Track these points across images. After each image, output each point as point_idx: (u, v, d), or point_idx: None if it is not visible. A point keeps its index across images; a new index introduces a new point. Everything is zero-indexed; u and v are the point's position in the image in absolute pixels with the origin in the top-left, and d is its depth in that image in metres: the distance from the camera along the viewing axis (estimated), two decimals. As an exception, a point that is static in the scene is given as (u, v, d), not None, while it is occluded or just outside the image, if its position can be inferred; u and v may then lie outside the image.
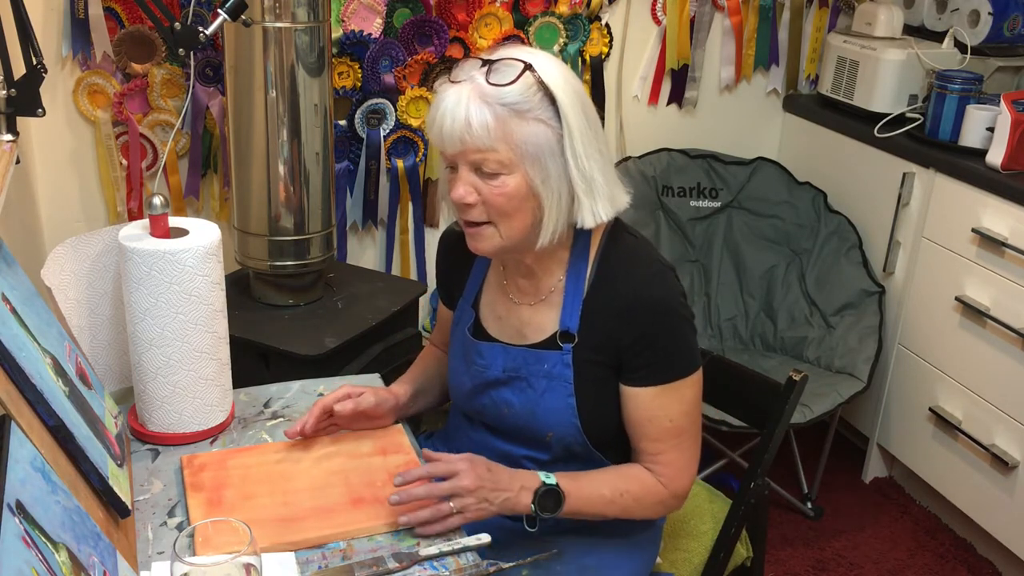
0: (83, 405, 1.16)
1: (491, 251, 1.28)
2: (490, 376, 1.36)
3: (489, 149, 1.19)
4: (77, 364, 1.22)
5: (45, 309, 1.21)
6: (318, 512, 1.21)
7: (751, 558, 1.59)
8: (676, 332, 1.29)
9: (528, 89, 1.19)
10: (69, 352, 1.21)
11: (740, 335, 2.72)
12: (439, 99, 1.21)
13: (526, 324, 1.36)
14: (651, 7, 2.65)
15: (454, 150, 1.21)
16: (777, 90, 2.89)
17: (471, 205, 1.23)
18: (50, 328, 1.19)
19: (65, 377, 1.14)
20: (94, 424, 1.16)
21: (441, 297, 1.52)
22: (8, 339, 1.01)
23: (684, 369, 1.30)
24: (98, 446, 1.13)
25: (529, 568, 1.29)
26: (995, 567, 2.36)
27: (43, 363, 1.08)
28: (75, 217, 2.31)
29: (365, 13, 2.32)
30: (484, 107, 1.18)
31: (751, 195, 2.74)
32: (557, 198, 1.23)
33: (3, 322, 1.02)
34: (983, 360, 2.26)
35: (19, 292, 1.14)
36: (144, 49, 2.20)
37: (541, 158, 1.20)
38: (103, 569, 0.96)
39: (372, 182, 2.47)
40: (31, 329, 1.10)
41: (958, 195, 2.30)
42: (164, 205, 1.30)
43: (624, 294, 1.28)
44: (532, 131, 1.19)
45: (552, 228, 1.24)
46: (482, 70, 1.21)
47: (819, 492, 2.61)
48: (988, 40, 2.57)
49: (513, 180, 1.21)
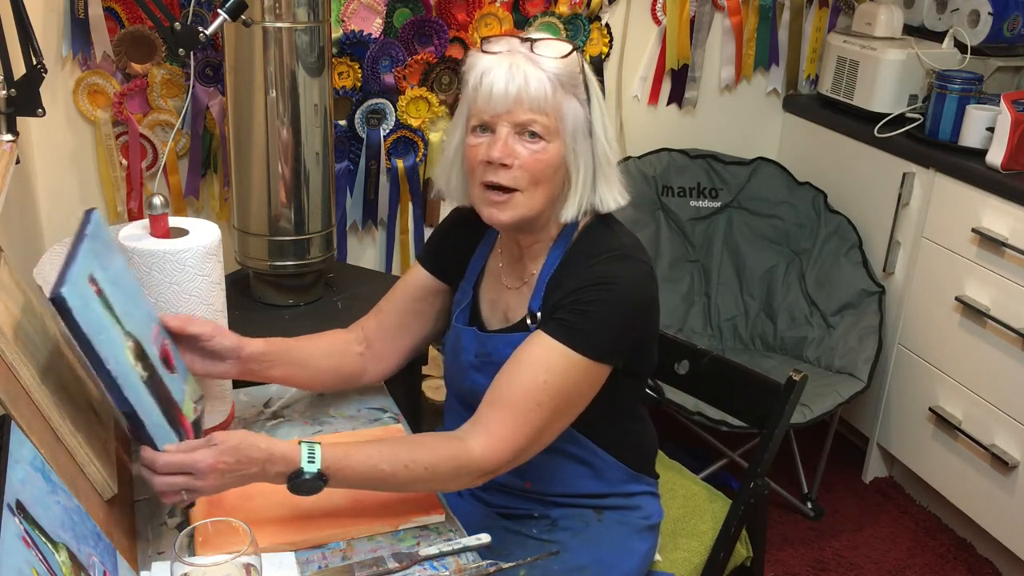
0: (161, 390, 1.15)
1: (511, 221, 1.28)
2: (465, 361, 1.37)
3: (541, 112, 1.23)
4: (162, 346, 1.21)
5: (136, 290, 1.20)
6: (318, 512, 1.21)
7: (751, 558, 1.59)
8: (608, 311, 1.24)
9: (574, 68, 1.25)
10: (156, 334, 1.20)
11: (740, 335, 2.72)
12: (481, 65, 1.25)
13: (510, 308, 1.38)
14: (651, 7, 2.65)
15: (504, 108, 1.23)
16: (777, 90, 2.89)
17: (508, 167, 1.24)
18: (138, 309, 1.18)
19: (145, 361, 1.13)
20: (170, 410, 1.15)
21: (427, 265, 1.47)
22: (88, 322, 1.01)
23: (592, 349, 1.24)
24: (170, 433, 1.13)
25: (528, 568, 1.28)
26: (995, 567, 2.36)
27: (123, 347, 1.08)
28: (75, 217, 2.29)
29: (365, 13, 2.32)
30: (541, 72, 1.23)
31: (751, 195, 2.74)
32: (584, 175, 1.28)
33: (86, 305, 1.02)
34: (983, 360, 2.26)
35: (109, 273, 1.13)
36: (144, 49, 2.20)
37: (577, 134, 1.26)
38: (103, 569, 0.96)
39: (372, 182, 2.47)
40: (116, 311, 1.10)
41: (958, 195, 2.30)
42: (164, 205, 1.30)
43: (580, 268, 1.29)
44: (573, 106, 1.25)
45: (578, 204, 1.29)
46: (524, 44, 1.25)
47: (819, 492, 2.61)
48: (988, 40, 2.57)
49: (553, 148, 1.25)
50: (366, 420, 1.46)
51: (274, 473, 1.13)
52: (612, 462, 1.39)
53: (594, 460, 1.38)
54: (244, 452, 1.11)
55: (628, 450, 1.41)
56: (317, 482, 1.14)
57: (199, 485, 1.09)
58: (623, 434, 1.40)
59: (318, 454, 1.14)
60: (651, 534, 1.45)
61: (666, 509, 1.50)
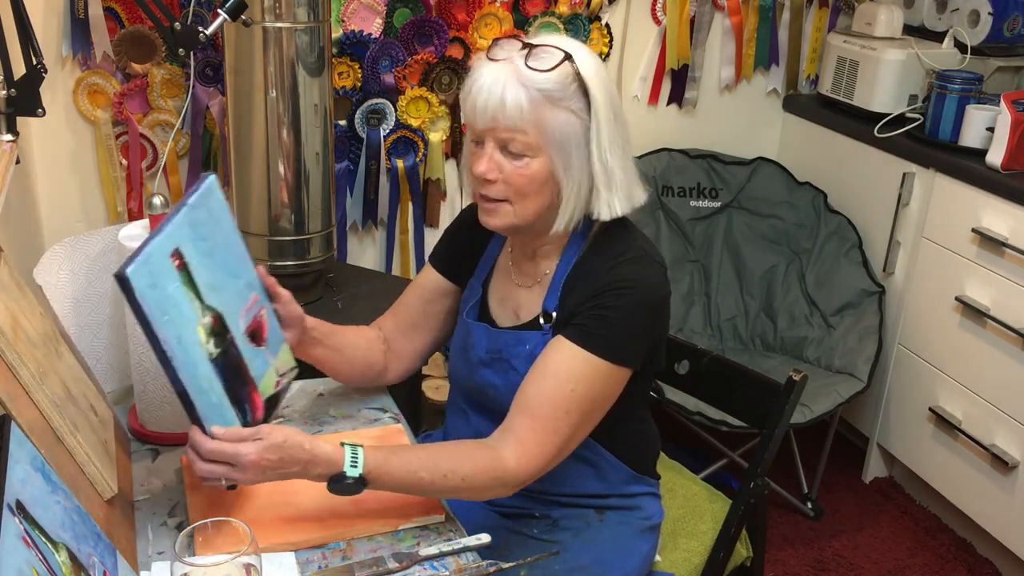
0: (234, 367, 1.16)
1: (502, 227, 1.29)
2: (475, 357, 1.37)
3: (518, 130, 1.21)
4: (256, 317, 1.22)
5: (237, 259, 1.21)
6: (318, 512, 1.21)
7: (751, 558, 1.59)
8: (628, 316, 1.26)
9: (565, 78, 1.22)
10: (251, 304, 1.21)
11: (740, 335, 2.72)
12: (476, 74, 1.24)
13: (521, 306, 1.37)
14: (651, 7, 2.65)
15: (484, 126, 1.23)
16: (777, 90, 2.89)
17: (492, 181, 1.25)
18: (235, 280, 1.19)
19: (222, 337, 1.14)
20: (238, 387, 1.16)
21: (437, 263, 1.48)
22: (153, 302, 1.03)
23: (615, 353, 1.25)
24: (226, 413, 1.14)
25: (528, 568, 1.28)
26: (995, 567, 2.36)
27: (195, 324, 1.09)
28: (75, 217, 2.31)
29: (365, 13, 2.32)
30: (520, 89, 1.20)
31: (751, 195, 2.74)
32: (576, 187, 1.25)
33: (154, 284, 1.04)
34: (983, 360, 2.26)
35: (207, 244, 1.14)
36: (144, 49, 2.20)
37: (567, 147, 1.23)
38: (103, 569, 0.96)
39: (372, 182, 2.47)
40: (200, 286, 1.11)
41: (958, 195, 2.30)
42: (164, 205, 1.30)
43: (598, 270, 1.29)
44: (562, 119, 1.22)
45: (569, 216, 1.27)
46: (522, 52, 1.23)
47: (819, 492, 2.61)
48: (988, 40, 2.57)
49: (537, 163, 1.23)
50: (366, 420, 1.46)
51: (316, 474, 1.16)
52: (614, 462, 1.39)
53: (597, 460, 1.38)
54: (288, 451, 1.13)
55: (631, 451, 1.41)
56: (358, 486, 1.16)
57: (239, 477, 1.12)
58: (626, 435, 1.40)
59: (361, 458, 1.16)
60: (652, 535, 1.45)
61: (666, 509, 1.50)
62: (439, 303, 1.48)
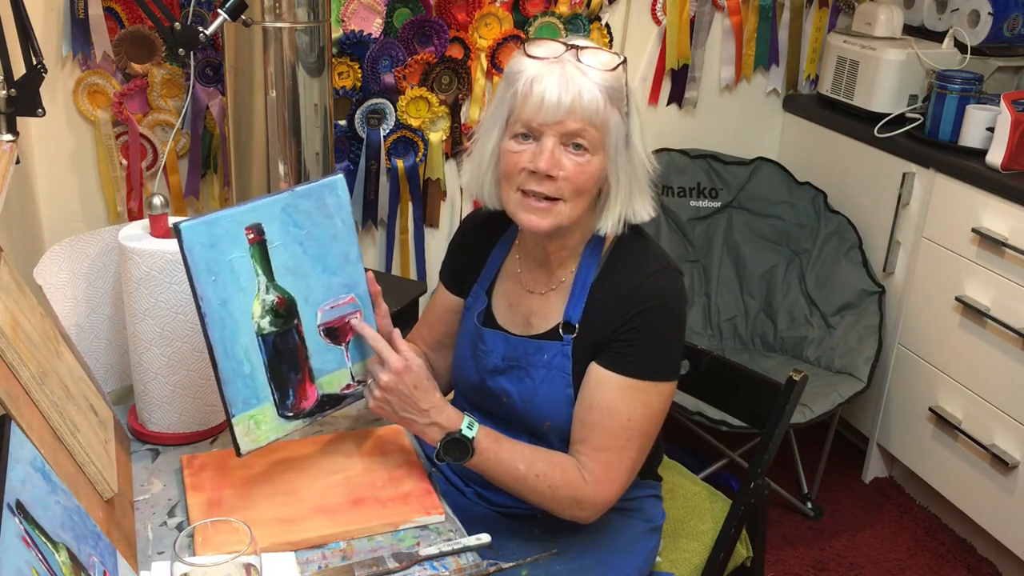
0: (288, 350, 1.19)
1: (549, 228, 1.27)
2: (489, 364, 1.37)
3: (590, 124, 1.22)
4: (340, 318, 1.24)
5: (340, 258, 1.23)
6: (318, 512, 1.21)
7: (751, 558, 1.59)
8: (665, 332, 1.29)
9: (620, 79, 1.24)
10: (343, 304, 1.24)
11: (740, 335, 2.72)
12: (529, 70, 1.22)
13: (534, 313, 1.36)
14: (651, 7, 2.65)
15: (554, 118, 1.21)
16: (777, 90, 2.89)
17: (553, 178, 1.23)
18: (325, 275, 1.22)
19: (283, 319, 1.18)
20: (285, 371, 1.19)
21: (447, 282, 1.50)
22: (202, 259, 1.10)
23: (661, 372, 1.28)
24: (254, 387, 1.17)
25: (529, 568, 1.29)
26: (995, 567, 2.36)
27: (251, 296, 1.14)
28: (75, 217, 2.31)
29: (365, 13, 2.32)
30: (593, 85, 1.21)
31: (751, 195, 2.74)
32: (623, 188, 1.28)
33: (215, 244, 1.10)
34: (983, 360, 2.26)
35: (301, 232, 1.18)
36: (144, 49, 2.20)
37: (618, 147, 1.25)
38: (103, 569, 0.96)
39: (372, 182, 2.47)
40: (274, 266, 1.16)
41: (958, 195, 2.30)
42: (164, 205, 1.30)
43: (625, 285, 1.29)
44: (615, 120, 1.24)
45: (617, 216, 1.29)
46: (571, 52, 1.22)
47: (819, 492, 2.61)
48: (988, 40, 2.57)
49: (596, 161, 1.25)
50: (366, 420, 1.46)
51: (431, 424, 1.21)
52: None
53: None
54: (424, 388, 1.21)
55: None
56: (467, 451, 1.23)
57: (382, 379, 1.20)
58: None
59: (476, 427, 1.24)
60: (654, 536, 1.45)
61: (666, 509, 1.50)
62: (455, 322, 1.48)
